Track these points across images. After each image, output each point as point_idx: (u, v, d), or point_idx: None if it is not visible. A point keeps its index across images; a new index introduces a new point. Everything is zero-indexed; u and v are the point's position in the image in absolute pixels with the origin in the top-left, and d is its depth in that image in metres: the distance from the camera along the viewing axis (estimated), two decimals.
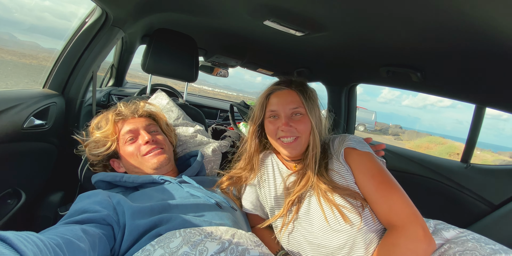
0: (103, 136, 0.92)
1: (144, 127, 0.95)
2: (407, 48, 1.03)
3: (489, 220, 1.16)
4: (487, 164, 1.36)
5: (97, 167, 0.97)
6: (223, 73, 2.51)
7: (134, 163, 0.90)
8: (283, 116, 0.80)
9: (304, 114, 0.81)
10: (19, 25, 24.76)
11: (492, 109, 1.23)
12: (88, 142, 0.95)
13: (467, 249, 0.64)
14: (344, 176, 0.77)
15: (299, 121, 0.80)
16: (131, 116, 0.98)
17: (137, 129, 0.94)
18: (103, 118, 0.96)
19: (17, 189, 0.93)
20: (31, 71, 1.79)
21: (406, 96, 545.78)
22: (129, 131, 0.93)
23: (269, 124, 0.84)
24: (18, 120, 0.88)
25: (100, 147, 0.92)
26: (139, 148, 0.91)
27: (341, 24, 0.97)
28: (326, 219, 0.72)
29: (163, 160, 0.90)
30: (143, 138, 0.91)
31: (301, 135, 0.80)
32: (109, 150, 0.92)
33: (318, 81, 2.06)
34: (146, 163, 0.89)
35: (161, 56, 1.31)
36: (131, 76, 4.05)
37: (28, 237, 0.40)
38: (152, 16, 1.31)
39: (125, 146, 0.92)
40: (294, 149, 0.80)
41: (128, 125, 0.94)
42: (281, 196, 0.85)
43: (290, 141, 0.80)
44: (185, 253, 0.56)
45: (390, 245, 0.65)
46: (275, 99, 0.83)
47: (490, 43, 0.79)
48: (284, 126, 0.78)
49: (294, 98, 0.81)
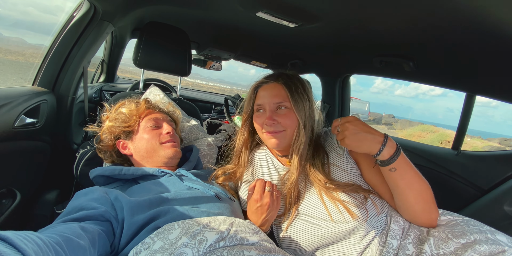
0: (129, 114, 0.95)
1: (167, 121, 1.00)
2: (399, 38, 1.03)
3: (479, 204, 1.21)
4: (477, 150, 1.39)
5: (103, 144, 0.97)
6: (216, 66, 2.49)
7: (147, 147, 0.92)
8: (268, 109, 0.80)
9: (289, 108, 0.79)
10: (3, 21, 23.92)
11: (482, 97, 1.25)
12: (110, 114, 0.98)
13: (455, 229, 0.68)
14: (347, 170, 0.78)
15: (283, 115, 0.79)
16: (159, 109, 1.05)
17: (162, 120, 0.99)
18: (132, 102, 1.01)
19: (12, 189, 0.93)
20: (18, 68, 1.74)
21: (399, 86, 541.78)
22: (155, 119, 0.97)
23: (256, 118, 0.84)
24: (9, 119, 0.87)
25: (121, 121, 0.95)
26: (160, 136, 0.94)
27: (333, 15, 0.96)
28: (330, 216, 0.73)
29: (177, 153, 0.94)
30: (166, 129, 0.96)
31: (285, 129, 0.79)
32: (128, 128, 0.94)
33: (312, 72, 2.06)
34: (162, 151, 0.92)
35: (153, 50, 1.29)
36: (122, 71, 3.97)
37: (27, 236, 0.40)
38: (142, 9, 1.28)
39: (145, 130, 0.95)
40: (278, 140, 0.79)
41: (156, 114, 1.00)
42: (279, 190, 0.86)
43: (274, 131, 0.79)
44: (184, 243, 0.57)
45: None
46: (262, 93, 0.83)
47: (480, 32, 0.80)
48: (267, 120, 0.78)
49: (279, 92, 0.80)
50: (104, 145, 0.96)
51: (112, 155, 0.97)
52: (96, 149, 0.99)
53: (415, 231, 0.72)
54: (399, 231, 0.72)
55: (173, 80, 2.63)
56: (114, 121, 0.95)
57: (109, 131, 0.95)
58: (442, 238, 0.67)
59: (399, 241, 0.70)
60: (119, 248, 0.64)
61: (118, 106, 0.99)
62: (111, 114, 0.97)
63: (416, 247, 0.68)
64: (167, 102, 1.25)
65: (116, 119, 0.95)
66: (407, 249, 0.68)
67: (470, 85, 1.22)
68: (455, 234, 0.66)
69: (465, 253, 0.61)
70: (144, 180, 0.86)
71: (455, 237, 0.66)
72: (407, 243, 0.69)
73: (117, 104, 1.00)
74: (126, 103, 1.00)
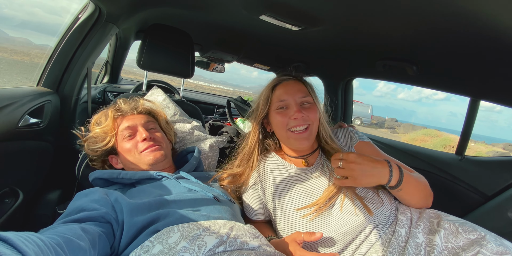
0: (102, 132, 0.92)
1: (142, 124, 0.95)
2: (403, 42, 1.03)
3: (482, 210, 1.19)
4: (481, 156, 1.38)
5: (96, 163, 0.96)
6: (219, 68, 2.50)
7: (131, 160, 0.90)
8: (294, 104, 0.81)
9: (312, 103, 0.83)
10: (9, 21, 24.29)
11: (486, 102, 1.24)
12: (87, 137, 0.95)
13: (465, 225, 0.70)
14: None
15: (309, 109, 0.81)
16: (130, 113, 0.97)
17: (135, 125, 0.94)
18: (103, 114, 0.96)
19: (14, 188, 0.93)
20: (23, 68, 1.76)
21: (402, 89, 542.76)
22: (127, 128, 0.92)
23: (277, 115, 0.83)
24: (13, 119, 0.87)
25: (98, 142, 0.92)
26: (137, 145, 0.90)
27: (337, 18, 0.97)
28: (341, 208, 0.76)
29: (159, 157, 0.90)
30: (140, 135, 0.91)
31: (312, 123, 0.81)
32: (107, 146, 0.91)
33: (314, 75, 2.06)
34: (143, 160, 0.89)
35: (157, 52, 1.29)
36: (126, 73, 4.00)
37: (28, 237, 0.40)
38: (146, 11, 1.29)
39: (123, 142, 0.92)
40: (306, 139, 0.81)
41: (127, 121, 0.94)
42: (290, 190, 0.85)
43: (302, 130, 0.80)
44: (183, 248, 0.56)
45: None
46: (283, 90, 0.83)
47: (484, 37, 0.79)
48: (297, 113, 0.78)
49: (301, 88, 0.83)
50: (98, 164, 0.97)
51: (106, 168, 0.97)
52: (91, 165, 0.98)
53: (425, 221, 0.74)
54: (407, 221, 0.75)
55: (176, 82, 2.64)
56: (94, 144, 0.93)
57: (93, 153, 0.94)
58: (452, 232, 0.68)
59: (408, 230, 0.72)
60: (119, 250, 0.64)
61: (92, 123, 0.96)
62: (88, 138, 0.94)
63: (426, 237, 0.70)
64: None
65: (95, 142, 0.93)
66: (417, 238, 0.70)
67: (475, 90, 1.22)
68: (465, 229, 0.67)
69: (470, 247, 0.63)
70: (143, 184, 0.85)
71: (465, 232, 0.67)
72: (417, 232, 0.71)
73: (92, 121, 0.97)
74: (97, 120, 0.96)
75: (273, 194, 0.87)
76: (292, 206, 0.82)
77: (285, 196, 0.85)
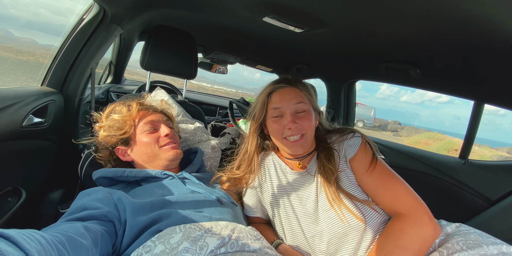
0: (122, 120, 0.92)
1: (164, 121, 0.98)
2: (406, 45, 1.03)
3: (486, 215, 1.18)
4: (485, 159, 1.36)
5: (102, 154, 0.95)
6: (222, 69, 2.50)
7: (148, 152, 0.91)
8: (289, 113, 0.80)
9: (307, 110, 0.81)
10: (15, 21, 24.58)
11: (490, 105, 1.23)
12: (104, 123, 0.95)
13: (469, 239, 0.66)
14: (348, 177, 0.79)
15: (303, 118, 0.80)
16: (153, 109, 1.01)
17: (159, 121, 0.96)
18: (123, 105, 0.97)
19: (17, 187, 0.94)
20: (28, 68, 1.78)
21: (405, 92, 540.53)
22: (151, 122, 0.94)
23: (273, 123, 0.83)
24: (17, 118, 0.88)
25: (116, 129, 0.92)
26: (158, 139, 0.92)
27: (340, 21, 0.96)
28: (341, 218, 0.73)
29: (179, 154, 0.93)
30: (164, 131, 0.93)
31: (306, 132, 0.80)
32: (124, 135, 0.91)
33: (317, 77, 2.06)
34: (162, 154, 0.90)
35: (160, 53, 1.30)
36: (130, 73, 4.02)
37: (31, 234, 0.40)
38: (150, 12, 1.30)
39: (142, 134, 0.92)
40: (301, 146, 0.81)
41: (151, 116, 0.96)
42: (285, 195, 0.85)
43: (297, 138, 0.79)
44: (185, 248, 0.56)
45: (398, 230, 0.67)
46: (278, 97, 0.83)
47: (489, 40, 0.79)
48: (291, 124, 0.78)
49: (296, 94, 0.82)
50: (103, 155, 0.95)
51: (111, 163, 0.96)
52: (95, 158, 0.97)
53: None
54: None
55: (179, 83, 2.65)
56: (109, 130, 0.91)
57: (105, 141, 0.93)
58: (457, 250, 0.65)
59: None
60: (121, 249, 0.64)
61: (109, 111, 0.96)
62: (104, 122, 0.94)
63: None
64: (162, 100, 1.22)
65: (111, 127, 0.92)
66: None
67: (479, 94, 1.21)
68: (470, 246, 0.64)
69: None
70: (147, 182, 0.86)
71: (470, 248, 0.64)
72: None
73: (107, 109, 0.97)
74: (117, 108, 0.96)
75: (270, 196, 0.88)
76: (289, 211, 0.83)
77: (280, 201, 0.86)
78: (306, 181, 0.84)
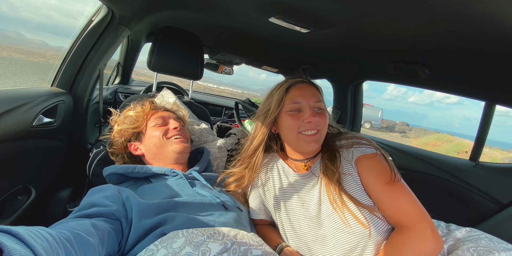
0: (136, 116, 0.98)
1: (174, 118, 1.03)
2: (415, 44, 1.01)
3: (497, 219, 1.15)
4: (496, 162, 1.33)
5: (116, 147, 0.99)
6: (228, 70, 2.51)
7: (157, 143, 0.94)
8: (308, 108, 0.79)
9: (323, 109, 0.82)
10: (26, 24, 25.17)
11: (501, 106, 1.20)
12: (118, 118, 1.01)
13: (480, 245, 0.64)
14: (355, 180, 0.77)
15: (321, 115, 0.80)
16: (163, 109, 1.07)
17: (169, 116, 1.03)
18: (138, 104, 1.04)
19: (27, 185, 0.96)
20: (39, 69, 1.82)
21: (412, 93, 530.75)
22: (161, 117, 1.00)
23: (288, 117, 0.81)
24: (27, 118, 0.90)
25: (129, 123, 0.98)
26: (167, 131, 0.97)
27: (347, 20, 0.96)
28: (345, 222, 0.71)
29: (186, 147, 0.96)
30: (172, 124, 0.99)
31: (321, 128, 0.80)
32: (137, 129, 0.97)
33: (323, 78, 2.05)
34: (169, 146, 0.94)
35: (167, 54, 1.31)
36: (137, 74, 4.07)
37: (38, 232, 0.41)
38: (157, 14, 1.31)
39: (153, 127, 0.97)
40: (316, 142, 0.80)
41: (161, 113, 1.03)
42: (287, 197, 0.85)
43: (313, 133, 0.79)
44: (188, 253, 0.56)
45: (399, 244, 0.65)
46: (298, 92, 0.82)
47: (500, 38, 0.77)
48: (312, 117, 0.77)
49: (315, 92, 0.83)
50: (117, 148, 0.99)
51: (124, 157, 0.99)
52: (109, 152, 1.01)
53: None
54: None
55: (186, 83, 2.67)
56: (123, 124, 0.98)
57: (119, 134, 0.98)
58: None
59: None
60: (125, 249, 0.65)
61: (125, 112, 1.02)
62: (119, 118, 1.01)
63: None
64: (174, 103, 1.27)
65: (124, 122, 0.98)
66: None
67: (490, 94, 1.18)
68: (481, 253, 0.62)
69: None
70: (156, 179, 0.88)
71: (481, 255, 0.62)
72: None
73: (124, 110, 1.04)
74: (132, 107, 1.04)
75: (273, 198, 0.87)
76: (291, 213, 0.82)
77: (282, 204, 0.85)
78: (308, 183, 0.83)
